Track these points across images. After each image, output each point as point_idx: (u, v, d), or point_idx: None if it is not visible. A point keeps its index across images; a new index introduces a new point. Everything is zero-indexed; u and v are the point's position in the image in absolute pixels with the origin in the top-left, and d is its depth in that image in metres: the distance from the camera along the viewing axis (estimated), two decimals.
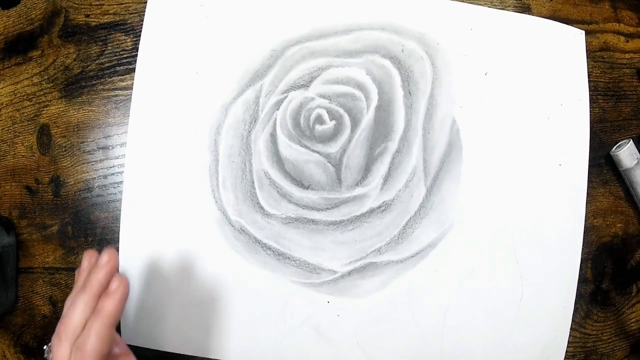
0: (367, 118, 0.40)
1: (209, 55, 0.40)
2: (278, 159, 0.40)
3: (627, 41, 0.45)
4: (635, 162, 0.42)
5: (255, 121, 0.40)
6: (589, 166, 0.43)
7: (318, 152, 0.40)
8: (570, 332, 0.43)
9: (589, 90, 0.43)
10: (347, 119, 0.40)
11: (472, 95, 0.41)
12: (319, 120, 0.40)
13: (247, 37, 0.40)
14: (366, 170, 0.40)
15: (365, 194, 0.40)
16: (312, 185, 0.40)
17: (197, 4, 0.41)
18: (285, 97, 0.40)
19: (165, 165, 0.40)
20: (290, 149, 0.40)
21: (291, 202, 0.40)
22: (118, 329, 0.40)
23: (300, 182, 0.40)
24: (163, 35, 0.40)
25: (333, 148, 0.40)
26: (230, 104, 0.40)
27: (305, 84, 0.40)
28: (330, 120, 0.40)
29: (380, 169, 0.40)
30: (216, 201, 0.40)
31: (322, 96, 0.40)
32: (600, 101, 0.44)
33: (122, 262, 0.39)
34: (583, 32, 0.42)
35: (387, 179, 0.40)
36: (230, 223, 0.40)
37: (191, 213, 0.40)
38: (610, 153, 0.43)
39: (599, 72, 0.44)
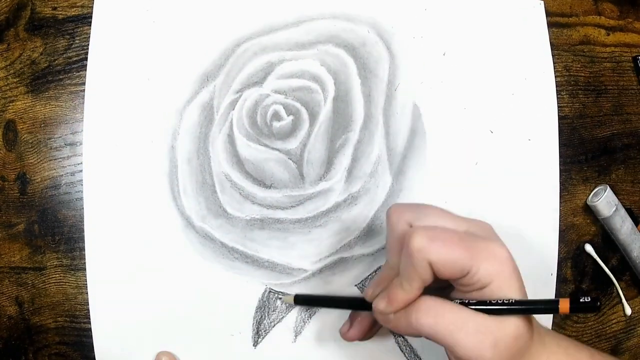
0: (325, 110, 0.39)
1: (160, 61, 0.40)
2: (238, 160, 0.39)
3: (608, 34, 0.44)
4: (614, 209, 0.41)
5: (211, 123, 0.39)
6: (569, 163, 0.42)
7: (278, 150, 0.39)
8: None
9: (569, 85, 0.42)
10: (304, 113, 0.39)
11: (432, 78, 0.40)
12: (276, 116, 0.39)
13: (196, 39, 0.40)
14: (328, 163, 0.39)
15: (329, 188, 0.39)
16: (275, 184, 0.39)
17: (143, 9, 0.40)
18: (240, 96, 0.39)
19: (124, 176, 0.39)
20: (249, 149, 0.39)
21: (254, 203, 0.39)
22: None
23: (262, 182, 0.39)
24: (111, 44, 0.40)
25: (293, 144, 0.39)
26: (185, 107, 0.39)
27: (259, 81, 0.39)
28: (288, 115, 0.39)
29: (343, 161, 0.39)
30: (179, 208, 0.39)
31: (277, 92, 0.39)
32: (581, 96, 0.43)
33: (90, 281, 0.39)
34: (542, 2, 0.41)
35: (350, 171, 0.39)
36: (195, 230, 0.39)
37: (155, 223, 0.39)
38: (588, 203, 0.42)
39: (579, 66, 0.43)
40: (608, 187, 0.42)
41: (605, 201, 0.41)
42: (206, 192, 0.39)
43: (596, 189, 0.43)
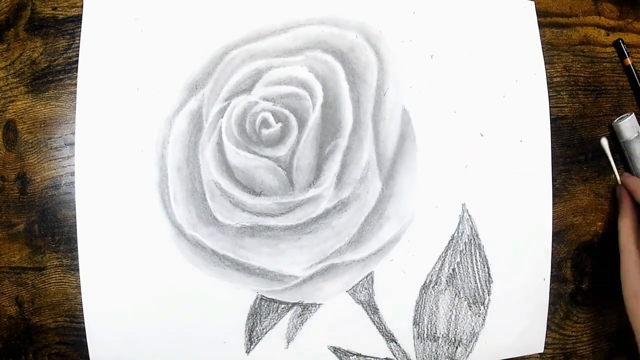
0: (314, 117, 0.39)
1: (149, 70, 0.40)
2: (227, 168, 0.39)
3: (608, 34, 0.43)
4: (636, 134, 0.41)
5: (200, 131, 0.39)
6: (569, 163, 0.41)
7: (267, 157, 0.39)
8: (549, 333, 0.41)
9: (569, 85, 0.41)
10: (293, 120, 0.39)
11: (421, 81, 0.40)
12: (265, 124, 0.39)
13: (184, 47, 0.40)
14: (318, 170, 0.39)
15: (319, 195, 0.39)
16: (264, 192, 0.39)
17: (132, 18, 0.40)
18: (229, 103, 0.39)
19: (115, 185, 0.39)
20: (238, 157, 0.39)
21: (245, 210, 0.39)
22: (84, 348, 0.40)
23: (252, 189, 0.39)
24: (100, 54, 0.40)
25: (282, 151, 0.39)
26: (174, 116, 0.39)
27: (247, 89, 0.39)
28: (276, 122, 0.39)
29: (332, 167, 0.39)
30: (169, 217, 0.39)
31: (266, 99, 0.39)
32: (580, 96, 0.43)
33: (84, 285, 0.39)
34: (533, 2, 0.40)
35: (340, 177, 0.39)
36: (186, 238, 0.39)
37: (146, 231, 0.39)
38: (612, 123, 0.42)
39: (579, 66, 0.43)
40: (633, 114, 0.42)
41: (629, 124, 0.41)
42: (196, 200, 0.39)
43: (623, 115, 0.43)
